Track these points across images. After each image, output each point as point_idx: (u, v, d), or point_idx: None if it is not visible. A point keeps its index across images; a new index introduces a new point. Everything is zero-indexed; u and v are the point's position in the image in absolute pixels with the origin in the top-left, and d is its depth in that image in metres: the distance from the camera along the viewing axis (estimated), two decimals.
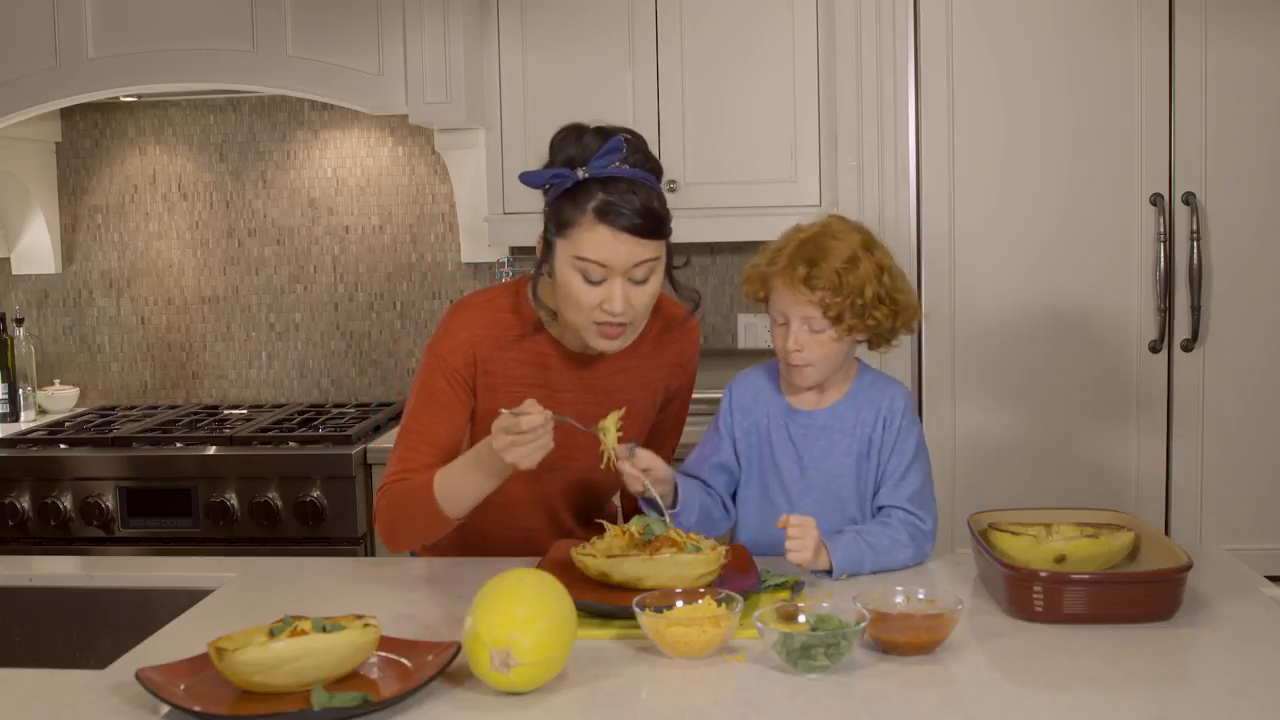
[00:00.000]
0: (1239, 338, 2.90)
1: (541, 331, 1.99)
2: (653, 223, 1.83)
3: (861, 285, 1.87)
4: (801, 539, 1.80)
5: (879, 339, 1.96)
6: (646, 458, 1.89)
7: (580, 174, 1.84)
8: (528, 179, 1.90)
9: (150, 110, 3.68)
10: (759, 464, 2.01)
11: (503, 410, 1.78)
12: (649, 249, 1.84)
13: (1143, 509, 2.89)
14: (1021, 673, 1.52)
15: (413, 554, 2.15)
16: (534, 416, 1.76)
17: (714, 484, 2.02)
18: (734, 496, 2.05)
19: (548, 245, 1.90)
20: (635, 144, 1.88)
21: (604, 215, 1.82)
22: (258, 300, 3.72)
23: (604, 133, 1.88)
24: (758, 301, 1.98)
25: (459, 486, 1.88)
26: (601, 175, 1.83)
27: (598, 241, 1.82)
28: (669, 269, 1.94)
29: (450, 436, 1.96)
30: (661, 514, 1.87)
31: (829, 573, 1.85)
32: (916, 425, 1.99)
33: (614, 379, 2.03)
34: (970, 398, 2.95)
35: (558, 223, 1.86)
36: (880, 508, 1.96)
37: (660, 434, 2.16)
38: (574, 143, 1.88)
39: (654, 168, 1.90)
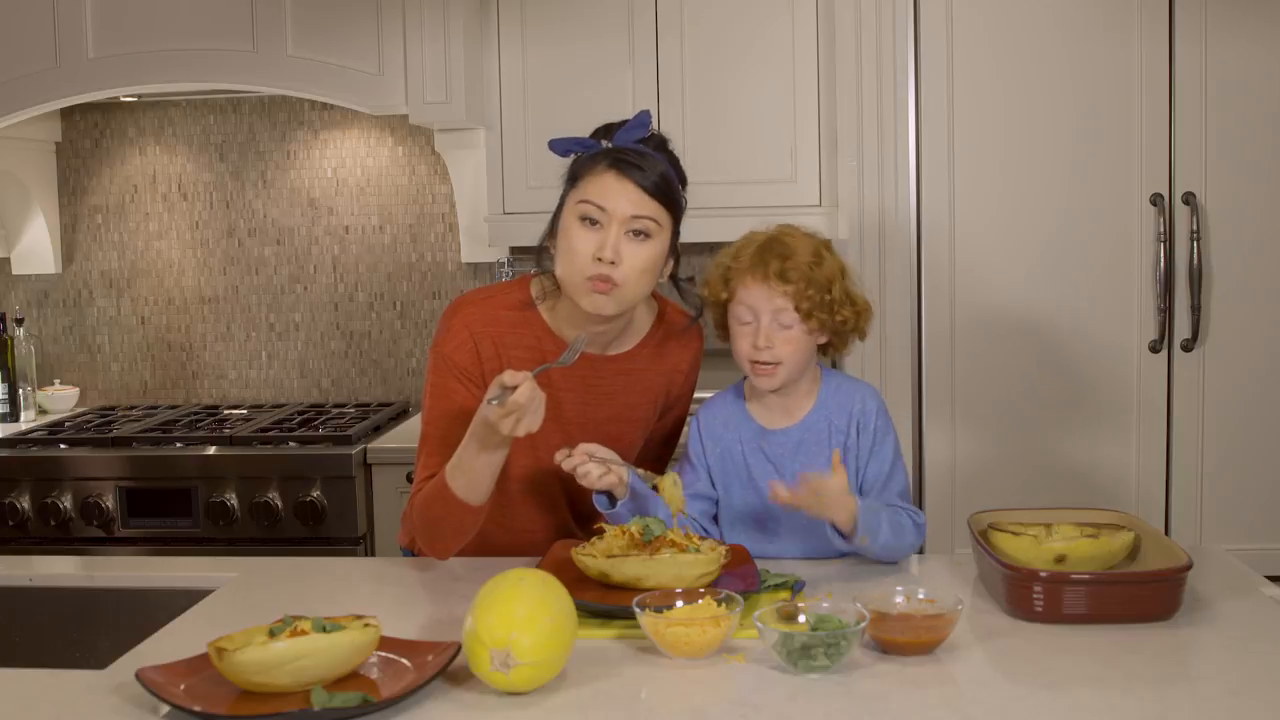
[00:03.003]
0: (1239, 338, 2.90)
1: (536, 308, 2.01)
2: (660, 183, 1.90)
3: (830, 281, 1.90)
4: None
5: (840, 341, 1.97)
6: (583, 446, 1.88)
7: (604, 144, 1.93)
8: (555, 145, 1.98)
9: (150, 110, 3.68)
10: (739, 487, 2.00)
11: (488, 400, 1.77)
12: (650, 206, 1.89)
13: (1143, 509, 2.89)
14: (1021, 673, 1.52)
15: (408, 552, 2.15)
16: (521, 389, 1.75)
17: (689, 510, 2.01)
18: (715, 519, 2.04)
19: (559, 208, 1.96)
20: (659, 141, 1.97)
21: (614, 163, 1.89)
22: (258, 300, 3.71)
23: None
24: (716, 304, 1.97)
25: (471, 472, 1.87)
26: (623, 145, 1.92)
27: (603, 185, 1.89)
28: (675, 278, 2.00)
29: None
30: (613, 505, 1.90)
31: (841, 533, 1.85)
32: (891, 425, 2.00)
33: (615, 380, 2.03)
34: (970, 397, 2.95)
35: (571, 177, 1.95)
36: None
37: (655, 442, 2.18)
38: (603, 130, 1.97)
39: (677, 165, 1.97)
